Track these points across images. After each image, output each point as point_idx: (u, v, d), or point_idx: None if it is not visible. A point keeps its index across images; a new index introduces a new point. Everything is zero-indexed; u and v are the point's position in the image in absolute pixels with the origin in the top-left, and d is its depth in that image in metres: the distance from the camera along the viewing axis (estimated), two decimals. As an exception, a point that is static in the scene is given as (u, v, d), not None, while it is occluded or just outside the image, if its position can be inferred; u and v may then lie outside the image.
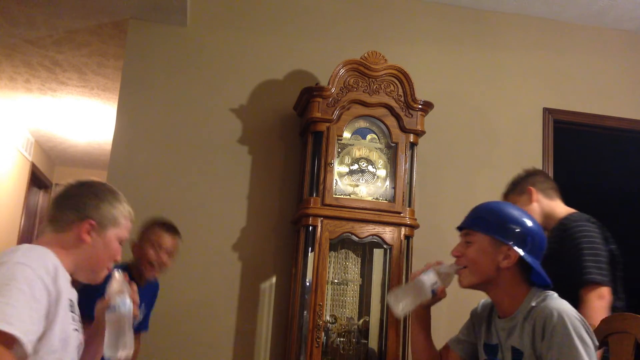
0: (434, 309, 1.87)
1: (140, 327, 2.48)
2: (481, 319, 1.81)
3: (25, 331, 1.26)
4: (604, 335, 1.82)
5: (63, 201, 1.55)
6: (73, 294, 1.50)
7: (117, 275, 1.59)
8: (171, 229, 2.45)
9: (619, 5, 3.37)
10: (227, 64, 3.19)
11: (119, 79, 3.26)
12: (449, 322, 3.03)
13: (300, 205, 2.85)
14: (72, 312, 1.46)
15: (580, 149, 4.09)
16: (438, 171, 3.27)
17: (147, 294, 2.48)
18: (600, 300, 2.15)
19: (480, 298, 1.85)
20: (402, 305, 1.77)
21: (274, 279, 3.02)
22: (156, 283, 2.56)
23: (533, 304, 1.62)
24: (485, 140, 3.36)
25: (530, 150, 3.39)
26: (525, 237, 1.68)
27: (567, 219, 2.37)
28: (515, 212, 1.74)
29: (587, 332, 1.53)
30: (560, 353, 1.50)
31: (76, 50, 3.86)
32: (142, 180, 3.01)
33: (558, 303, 1.59)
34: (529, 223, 1.71)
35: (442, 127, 3.27)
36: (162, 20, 3.14)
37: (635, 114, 3.52)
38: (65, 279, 1.45)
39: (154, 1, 2.95)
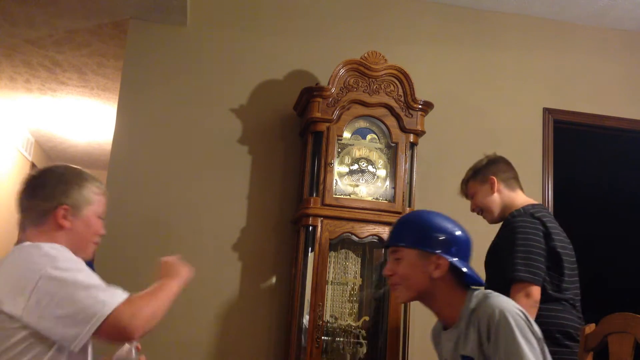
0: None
1: None
2: (437, 341, 1.79)
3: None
4: (603, 335, 1.82)
5: (31, 193, 1.57)
6: None
7: (128, 346, 1.68)
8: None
9: (619, 5, 3.37)
10: (227, 64, 3.19)
11: (119, 79, 3.26)
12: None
13: (300, 205, 2.85)
14: None
15: (580, 149, 4.09)
16: (438, 171, 3.26)
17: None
18: (527, 299, 2.11)
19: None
20: None
21: (274, 279, 3.02)
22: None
23: (473, 306, 1.61)
24: (485, 140, 3.36)
25: (530, 150, 3.39)
26: (451, 243, 1.67)
27: (512, 214, 2.32)
28: (436, 219, 1.73)
29: (529, 326, 1.52)
30: (505, 353, 1.50)
31: (76, 50, 3.86)
32: (142, 180, 3.01)
33: (498, 301, 1.57)
34: (452, 228, 1.70)
35: (442, 127, 3.27)
36: (162, 20, 3.14)
37: (635, 114, 3.52)
38: None
39: (154, 1, 2.95)
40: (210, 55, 3.19)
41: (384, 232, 2.75)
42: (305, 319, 2.63)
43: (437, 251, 1.65)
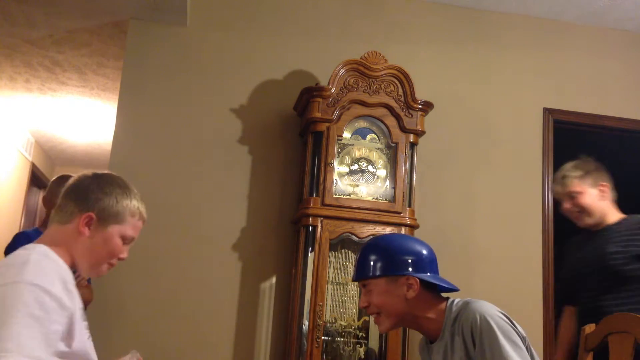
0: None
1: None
2: (424, 354, 1.79)
3: None
4: (603, 335, 1.82)
5: (70, 192, 1.52)
6: (80, 301, 1.47)
7: (129, 356, 1.59)
8: None
9: (619, 5, 3.37)
10: (227, 64, 3.19)
11: (119, 79, 3.26)
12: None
13: (300, 205, 2.85)
14: (84, 320, 1.45)
15: (580, 149, 4.09)
16: (438, 171, 3.26)
17: None
18: None
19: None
20: None
21: (274, 279, 3.02)
22: None
23: (454, 315, 1.62)
24: (485, 140, 3.36)
25: (530, 150, 3.39)
26: (415, 261, 1.69)
27: (632, 220, 2.43)
28: (394, 242, 1.76)
29: (512, 327, 1.54)
30: (491, 356, 1.51)
31: (76, 50, 3.86)
32: (142, 180, 3.00)
33: (478, 306, 1.58)
34: (412, 246, 1.73)
35: (442, 127, 3.27)
36: (162, 20, 3.14)
37: (635, 114, 3.52)
38: (73, 285, 1.43)
39: (154, 1, 2.95)
40: (210, 55, 3.19)
41: (384, 232, 2.75)
42: (305, 319, 2.63)
43: (405, 272, 1.67)
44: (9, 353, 1.17)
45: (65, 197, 1.51)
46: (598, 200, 2.45)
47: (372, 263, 1.71)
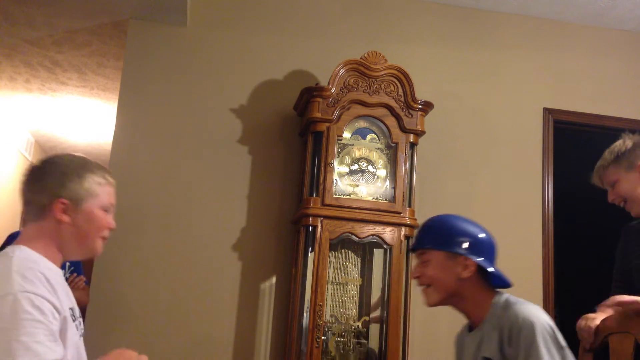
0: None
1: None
2: (460, 345, 1.82)
3: None
4: (603, 335, 1.82)
5: (30, 185, 1.47)
6: (70, 299, 1.46)
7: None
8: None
9: (619, 5, 3.37)
10: (227, 64, 3.19)
11: (119, 79, 3.26)
12: (447, 329, 3.04)
13: (300, 205, 2.85)
14: (74, 320, 1.43)
15: (580, 149, 4.09)
16: (438, 171, 3.26)
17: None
18: None
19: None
20: None
21: (274, 279, 3.02)
22: None
23: (499, 310, 1.65)
24: (485, 140, 3.36)
25: (530, 150, 3.39)
26: (476, 245, 1.72)
27: None
28: (461, 223, 1.79)
29: (551, 336, 1.55)
30: (526, 353, 1.53)
31: (76, 50, 3.86)
32: (142, 180, 3.01)
33: (524, 308, 1.61)
34: (477, 230, 1.76)
35: (442, 127, 3.26)
36: (162, 20, 3.14)
37: (635, 114, 3.52)
38: (61, 286, 1.41)
39: (154, 1, 2.95)
40: (210, 55, 3.19)
41: (384, 232, 2.75)
42: (305, 319, 2.63)
43: (464, 253, 1.70)
44: None
45: (27, 192, 1.47)
46: (638, 184, 2.06)
47: (434, 236, 1.76)
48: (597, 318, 1.87)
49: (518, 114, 3.43)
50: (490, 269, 1.70)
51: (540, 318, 1.57)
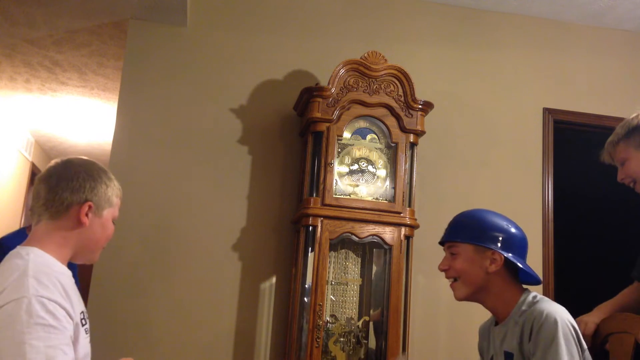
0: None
1: None
2: (484, 336, 1.83)
3: None
4: (603, 335, 1.82)
5: (58, 184, 1.47)
6: (81, 302, 1.48)
7: None
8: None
9: (619, 5, 3.37)
10: (227, 64, 3.19)
11: (119, 79, 3.26)
12: (447, 330, 3.04)
13: (300, 205, 2.85)
14: (84, 324, 1.44)
15: (580, 149, 4.09)
16: (438, 171, 3.26)
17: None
18: None
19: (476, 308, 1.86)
20: None
21: (274, 279, 3.02)
22: None
23: (525, 307, 1.65)
24: (485, 140, 3.36)
25: (530, 150, 3.39)
26: (506, 240, 1.72)
27: None
28: (492, 217, 1.79)
29: (573, 337, 1.55)
30: (544, 351, 1.53)
31: (76, 50, 3.86)
32: (142, 180, 3.01)
33: (548, 305, 1.61)
34: (507, 225, 1.76)
35: (442, 127, 3.27)
36: (162, 20, 3.14)
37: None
38: (73, 291, 1.42)
39: (154, 1, 2.95)
40: (210, 56, 3.19)
41: (384, 232, 2.75)
42: (305, 319, 2.63)
43: (493, 247, 1.71)
44: None
45: (52, 190, 1.46)
46: None
47: (463, 229, 1.77)
48: (590, 322, 1.87)
49: (518, 114, 3.43)
50: (520, 265, 1.70)
51: (564, 317, 1.57)
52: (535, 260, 3.26)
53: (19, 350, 1.21)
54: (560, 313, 1.57)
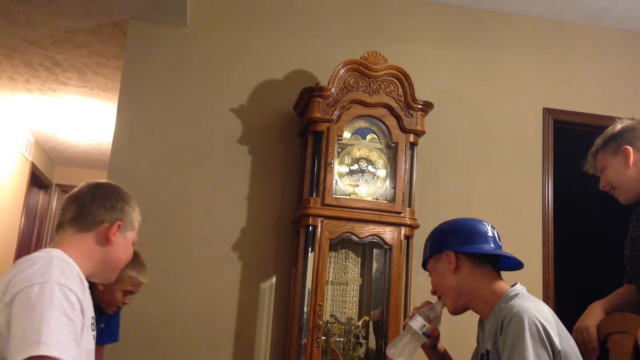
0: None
1: (104, 340, 2.34)
2: (479, 336, 1.84)
3: None
4: (603, 335, 1.82)
5: (91, 201, 1.56)
6: (92, 309, 1.51)
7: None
8: (144, 270, 2.29)
9: (619, 6, 3.37)
10: (227, 64, 3.19)
11: (119, 79, 3.26)
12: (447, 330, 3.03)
13: (300, 205, 2.85)
14: (93, 330, 1.48)
15: (580, 149, 4.09)
16: (438, 171, 3.26)
17: (115, 319, 2.40)
18: None
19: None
20: (404, 355, 1.80)
21: (274, 279, 3.02)
22: None
23: (503, 304, 1.63)
24: (485, 140, 3.36)
25: (530, 150, 3.39)
26: (453, 236, 1.75)
27: None
28: (442, 226, 1.83)
29: (540, 335, 1.49)
30: (511, 350, 1.50)
31: (76, 50, 3.86)
32: (142, 180, 3.01)
33: (521, 302, 1.58)
34: (452, 223, 1.81)
35: (442, 127, 3.27)
36: (162, 20, 3.14)
37: (635, 114, 3.50)
38: (89, 296, 1.47)
39: (154, 1, 2.95)
40: (210, 55, 3.19)
41: (384, 232, 2.75)
42: (305, 319, 2.63)
43: (444, 249, 1.74)
44: (51, 348, 1.23)
45: (85, 207, 1.55)
46: (623, 169, 1.96)
47: (426, 247, 1.83)
48: (590, 326, 1.86)
49: (518, 114, 3.43)
50: (468, 250, 1.71)
51: (533, 315, 1.51)
52: (535, 260, 3.26)
53: (37, 328, 1.25)
54: (530, 311, 1.52)
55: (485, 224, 1.79)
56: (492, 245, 1.73)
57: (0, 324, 1.29)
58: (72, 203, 1.56)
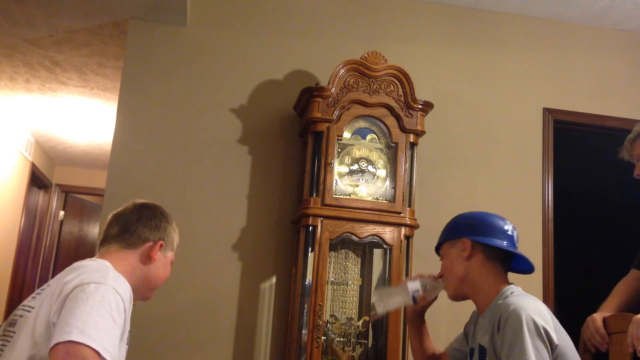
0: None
1: None
2: (470, 326, 1.85)
3: None
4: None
5: (138, 219, 1.63)
6: (129, 324, 1.54)
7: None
8: None
9: (619, 6, 3.37)
10: (227, 64, 3.19)
11: (119, 79, 3.26)
12: (448, 324, 3.04)
13: (300, 205, 2.85)
14: (127, 344, 1.52)
15: (580, 149, 4.09)
16: (438, 171, 3.26)
17: None
18: None
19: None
20: (384, 304, 1.89)
21: (274, 279, 3.02)
22: None
23: (500, 301, 1.66)
24: (485, 140, 3.36)
25: (530, 150, 3.39)
26: (473, 226, 1.79)
27: None
28: (465, 214, 1.90)
29: (538, 332, 1.52)
30: (510, 347, 1.52)
31: (76, 50, 3.86)
32: (142, 180, 3.01)
33: (518, 300, 1.61)
34: (479, 215, 1.86)
35: (442, 127, 3.27)
36: (162, 20, 3.14)
37: (635, 114, 3.52)
38: (131, 311, 1.50)
39: (154, 1, 2.95)
40: (210, 56, 3.19)
41: (384, 232, 2.76)
42: (305, 319, 2.63)
43: (462, 236, 1.78)
44: (93, 341, 1.27)
45: (131, 225, 1.62)
46: None
47: (442, 234, 1.88)
48: (595, 316, 1.87)
49: (518, 114, 3.43)
50: (485, 241, 1.74)
51: (530, 313, 1.55)
52: (535, 260, 3.24)
53: (84, 319, 1.29)
54: (527, 309, 1.56)
55: (508, 222, 1.83)
56: (507, 244, 1.77)
57: (52, 315, 1.34)
58: (118, 220, 1.63)
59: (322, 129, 2.81)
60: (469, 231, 1.79)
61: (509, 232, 1.79)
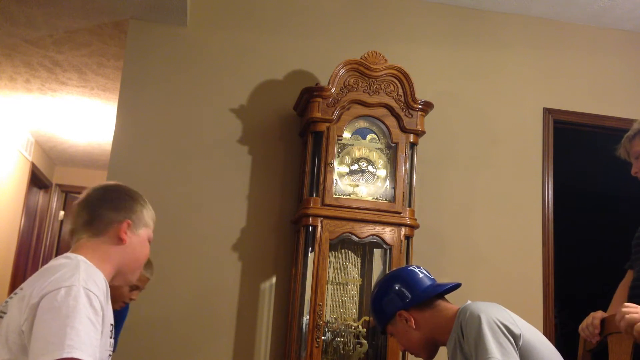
0: None
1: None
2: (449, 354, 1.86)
3: None
4: (603, 335, 1.82)
5: (99, 204, 1.57)
6: (112, 316, 1.52)
7: None
8: (150, 266, 2.31)
9: (618, 5, 3.37)
10: (227, 64, 3.19)
11: (119, 79, 3.26)
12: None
13: (300, 205, 2.85)
14: (110, 337, 1.49)
15: (580, 149, 4.09)
16: (438, 171, 3.26)
17: (120, 317, 2.40)
18: None
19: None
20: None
21: (274, 279, 3.02)
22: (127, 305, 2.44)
23: (457, 318, 1.68)
24: (485, 140, 3.36)
25: (530, 150, 3.39)
26: (397, 295, 1.78)
27: None
28: (376, 292, 1.86)
29: (500, 328, 1.55)
30: (475, 347, 1.55)
31: (76, 50, 3.86)
32: (142, 180, 3.01)
33: (473, 306, 1.64)
34: (384, 286, 1.83)
35: (442, 127, 3.27)
36: (162, 20, 3.14)
37: (635, 114, 3.51)
38: (109, 302, 1.47)
39: (154, 1, 2.95)
40: (210, 56, 3.19)
41: (384, 232, 2.76)
42: (305, 319, 2.63)
43: (395, 311, 1.78)
44: (74, 350, 1.25)
45: (94, 210, 1.56)
46: None
47: (376, 317, 1.87)
48: (594, 314, 1.87)
49: (518, 114, 3.43)
50: (420, 297, 1.75)
51: (489, 313, 1.59)
52: (535, 260, 3.26)
53: (61, 331, 1.27)
54: (483, 310, 1.60)
55: (411, 266, 1.86)
56: (431, 284, 1.79)
57: (22, 323, 1.31)
58: (82, 209, 1.57)
59: (322, 129, 2.81)
60: (396, 303, 1.78)
61: (421, 274, 1.82)
